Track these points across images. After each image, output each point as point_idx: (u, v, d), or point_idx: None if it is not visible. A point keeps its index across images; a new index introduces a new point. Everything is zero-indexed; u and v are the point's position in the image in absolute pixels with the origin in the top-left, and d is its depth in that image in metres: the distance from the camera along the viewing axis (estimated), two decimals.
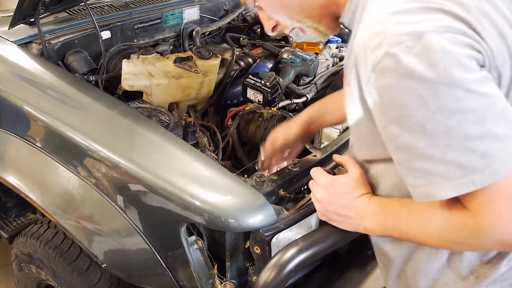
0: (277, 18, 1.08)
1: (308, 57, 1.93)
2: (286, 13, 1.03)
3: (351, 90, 0.89)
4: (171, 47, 2.16)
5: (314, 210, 1.18)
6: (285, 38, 2.27)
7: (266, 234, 1.10)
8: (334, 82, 1.97)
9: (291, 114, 1.80)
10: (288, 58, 1.96)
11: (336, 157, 1.18)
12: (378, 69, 0.78)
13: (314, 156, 1.42)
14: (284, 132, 1.46)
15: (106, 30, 1.95)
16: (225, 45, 2.28)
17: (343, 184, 1.03)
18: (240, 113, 1.85)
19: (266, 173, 1.46)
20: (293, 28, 1.09)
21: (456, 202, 0.83)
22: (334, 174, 1.13)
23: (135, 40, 2.09)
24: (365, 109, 0.87)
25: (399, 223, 0.93)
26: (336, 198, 1.03)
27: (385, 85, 0.78)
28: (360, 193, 1.01)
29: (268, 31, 1.13)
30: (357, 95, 0.88)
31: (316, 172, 1.09)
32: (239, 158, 1.96)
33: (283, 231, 1.14)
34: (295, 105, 1.98)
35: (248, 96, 1.83)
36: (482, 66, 0.77)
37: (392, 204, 0.96)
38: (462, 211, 0.82)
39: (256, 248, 1.12)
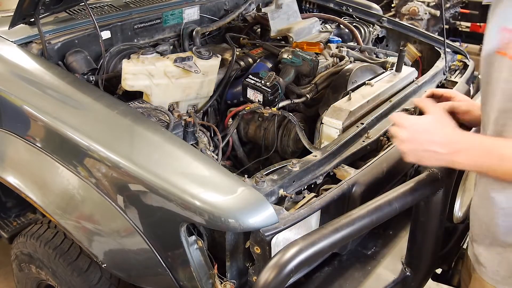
0: None
1: (308, 57, 1.93)
2: None
3: None
4: (171, 47, 2.16)
5: (315, 210, 1.18)
6: (285, 38, 2.27)
7: (266, 234, 1.10)
8: (334, 82, 1.97)
9: (291, 114, 1.80)
10: (288, 58, 1.96)
11: (416, 100, 1.22)
12: None
13: (314, 156, 1.42)
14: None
15: (106, 30, 1.95)
16: (225, 45, 2.28)
17: (430, 122, 1.07)
18: (240, 113, 1.85)
19: None
20: None
21: None
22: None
23: (135, 40, 2.09)
24: None
25: (499, 161, 0.97)
26: (425, 134, 1.05)
27: None
28: (451, 127, 1.05)
29: None
30: None
31: (398, 115, 1.11)
32: (239, 158, 1.96)
33: (283, 231, 1.14)
34: (295, 105, 1.98)
35: (248, 96, 1.83)
36: None
37: (492, 141, 1.01)
38: None
39: (256, 248, 1.12)
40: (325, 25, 2.54)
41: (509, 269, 1.10)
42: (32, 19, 1.72)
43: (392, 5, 5.36)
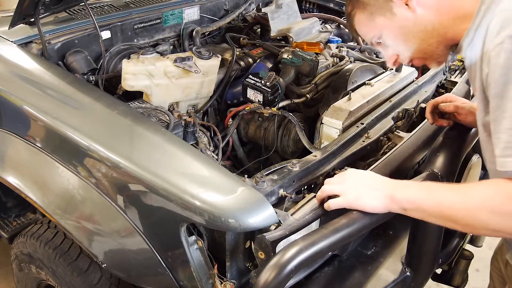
0: (398, 50, 1.20)
1: (308, 57, 1.93)
2: (407, 44, 1.16)
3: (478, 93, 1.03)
4: (171, 47, 2.16)
5: (319, 215, 1.18)
6: (285, 38, 2.27)
7: (271, 240, 1.09)
8: (334, 82, 1.97)
9: (291, 114, 1.80)
10: (288, 58, 1.96)
11: None
12: (496, 50, 0.92)
13: (314, 156, 1.42)
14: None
15: (106, 30, 1.95)
16: (225, 45, 2.28)
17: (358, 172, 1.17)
18: (240, 113, 1.85)
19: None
20: (411, 60, 1.22)
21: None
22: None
23: (135, 40, 2.09)
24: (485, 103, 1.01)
25: (437, 195, 1.02)
26: (361, 179, 1.14)
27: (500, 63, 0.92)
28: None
29: (390, 64, 1.26)
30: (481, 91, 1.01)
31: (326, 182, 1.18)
32: (239, 158, 1.96)
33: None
34: (295, 105, 1.98)
35: (248, 96, 1.82)
36: None
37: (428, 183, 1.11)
38: None
39: (261, 254, 1.11)
40: (325, 25, 2.54)
41: None
42: (32, 19, 1.72)
43: None
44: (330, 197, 1.16)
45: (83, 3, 1.83)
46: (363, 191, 1.10)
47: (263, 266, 1.11)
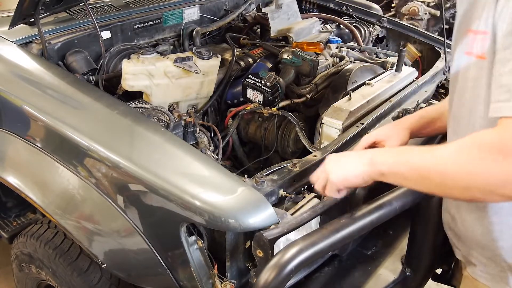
0: None
1: (308, 57, 1.93)
2: None
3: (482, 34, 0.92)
4: (171, 47, 2.16)
5: (318, 214, 1.18)
6: (285, 38, 2.27)
7: (269, 238, 1.09)
8: (334, 82, 1.97)
9: (291, 114, 1.80)
10: (288, 58, 1.96)
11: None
12: None
13: (314, 156, 1.42)
14: (387, 138, 1.32)
15: (106, 30, 1.95)
16: (225, 45, 2.28)
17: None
18: (240, 113, 1.85)
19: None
20: None
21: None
22: None
23: (135, 40, 2.09)
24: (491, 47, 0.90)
25: (412, 157, 0.97)
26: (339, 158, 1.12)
27: None
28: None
29: None
30: (489, 29, 0.91)
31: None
32: (239, 158, 1.96)
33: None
34: (295, 105, 1.98)
35: (248, 96, 1.83)
36: None
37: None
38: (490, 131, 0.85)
39: (259, 252, 1.11)
40: (325, 25, 2.54)
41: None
42: (32, 19, 1.71)
43: (392, 5, 5.35)
44: None
45: (83, 3, 1.83)
46: (344, 167, 1.09)
47: (261, 265, 1.12)
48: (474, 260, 1.14)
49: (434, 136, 1.44)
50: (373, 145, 1.32)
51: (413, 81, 2.01)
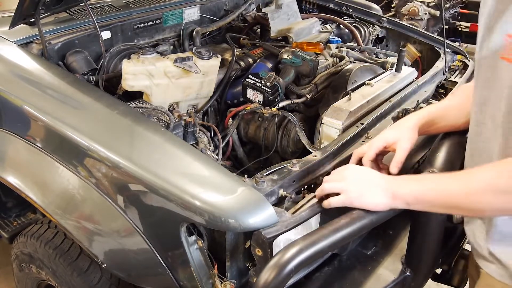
0: None
1: (308, 57, 1.93)
2: None
3: None
4: (171, 47, 2.16)
5: (316, 212, 1.18)
6: (285, 38, 2.27)
7: (268, 236, 1.09)
8: (334, 82, 1.97)
9: (291, 114, 1.80)
10: (288, 58, 1.96)
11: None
12: None
13: (314, 156, 1.42)
14: (397, 140, 1.29)
15: (106, 30, 1.95)
16: (225, 45, 2.28)
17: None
18: (240, 113, 1.85)
19: None
20: None
21: None
22: None
23: (135, 40, 2.09)
24: None
25: (439, 185, 0.98)
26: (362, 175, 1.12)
27: None
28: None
29: None
30: None
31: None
32: (239, 158, 1.96)
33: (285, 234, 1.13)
34: (295, 105, 1.98)
35: (248, 96, 1.83)
36: None
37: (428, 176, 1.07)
38: None
39: (258, 250, 1.12)
40: (325, 25, 2.54)
41: None
42: (32, 19, 1.72)
43: (392, 5, 5.36)
44: (328, 195, 1.16)
45: (83, 3, 1.83)
46: (365, 188, 1.09)
47: (260, 264, 1.12)
48: (491, 258, 1.12)
49: (435, 135, 1.45)
50: (384, 150, 1.30)
51: (413, 81, 2.01)
